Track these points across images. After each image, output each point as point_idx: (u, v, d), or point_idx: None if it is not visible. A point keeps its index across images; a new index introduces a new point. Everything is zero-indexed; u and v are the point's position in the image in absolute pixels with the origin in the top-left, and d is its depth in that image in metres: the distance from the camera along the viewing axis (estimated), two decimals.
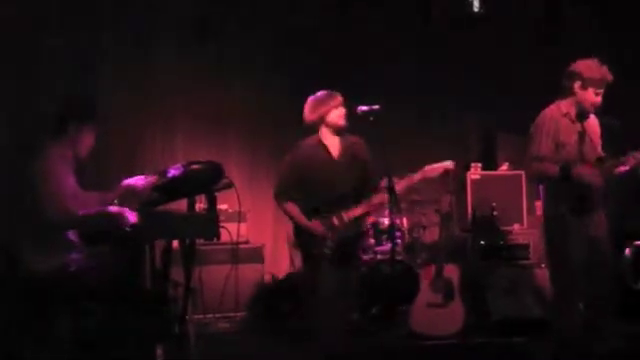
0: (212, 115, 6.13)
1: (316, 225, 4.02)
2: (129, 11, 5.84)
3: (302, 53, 6.20)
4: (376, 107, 3.98)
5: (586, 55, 4.19)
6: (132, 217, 3.50)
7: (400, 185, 3.99)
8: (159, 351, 3.63)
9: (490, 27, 6.52)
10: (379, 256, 5.56)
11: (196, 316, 4.81)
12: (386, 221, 5.52)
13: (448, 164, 4.08)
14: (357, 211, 4.04)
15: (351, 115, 4.08)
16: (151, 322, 3.68)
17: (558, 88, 4.22)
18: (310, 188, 4.06)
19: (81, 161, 3.93)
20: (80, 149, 3.87)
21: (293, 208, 4.08)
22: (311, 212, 4.05)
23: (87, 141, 3.90)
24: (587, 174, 4.05)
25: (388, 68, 6.29)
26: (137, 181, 3.82)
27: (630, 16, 6.40)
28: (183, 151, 5.92)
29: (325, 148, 4.10)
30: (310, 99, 4.13)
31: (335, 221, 4.01)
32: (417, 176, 4.05)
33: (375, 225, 5.64)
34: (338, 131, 4.10)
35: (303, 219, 4.05)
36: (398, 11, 6.43)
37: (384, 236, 5.63)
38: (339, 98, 4.09)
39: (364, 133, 4.15)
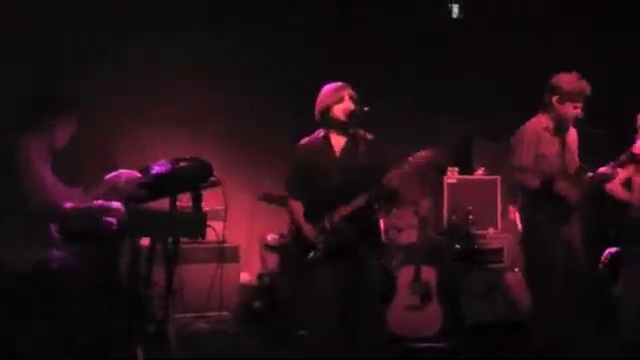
0: (211, 115, 6.13)
1: (308, 231, 3.88)
2: (129, 11, 5.84)
3: (302, 53, 6.20)
4: (365, 109, 3.84)
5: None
6: (118, 206, 3.40)
7: (394, 180, 3.84)
8: (139, 351, 3.57)
9: (489, 27, 6.53)
10: None
11: (176, 315, 4.79)
12: None
13: (429, 153, 3.85)
14: (347, 209, 3.82)
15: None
16: (129, 323, 3.63)
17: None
18: (311, 184, 3.93)
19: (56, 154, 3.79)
20: (56, 142, 3.75)
21: (295, 206, 3.97)
22: (310, 210, 3.92)
23: (63, 133, 3.77)
24: (565, 189, 4.10)
25: (388, 68, 6.29)
26: (120, 175, 3.68)
27: (629, 17, 6.40)
28: (183, 151, 5.89)
29: (328, 143, 3.94)
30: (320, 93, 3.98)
31: (326, 223, 3.85)
32: (407, 168, 3.83)
33: None
34: (342, 126, 3.92)
35: (301, 220, 3.92)
36: (398, 11, 6.43)
37: None
38: (344, 92, 3.90)
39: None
